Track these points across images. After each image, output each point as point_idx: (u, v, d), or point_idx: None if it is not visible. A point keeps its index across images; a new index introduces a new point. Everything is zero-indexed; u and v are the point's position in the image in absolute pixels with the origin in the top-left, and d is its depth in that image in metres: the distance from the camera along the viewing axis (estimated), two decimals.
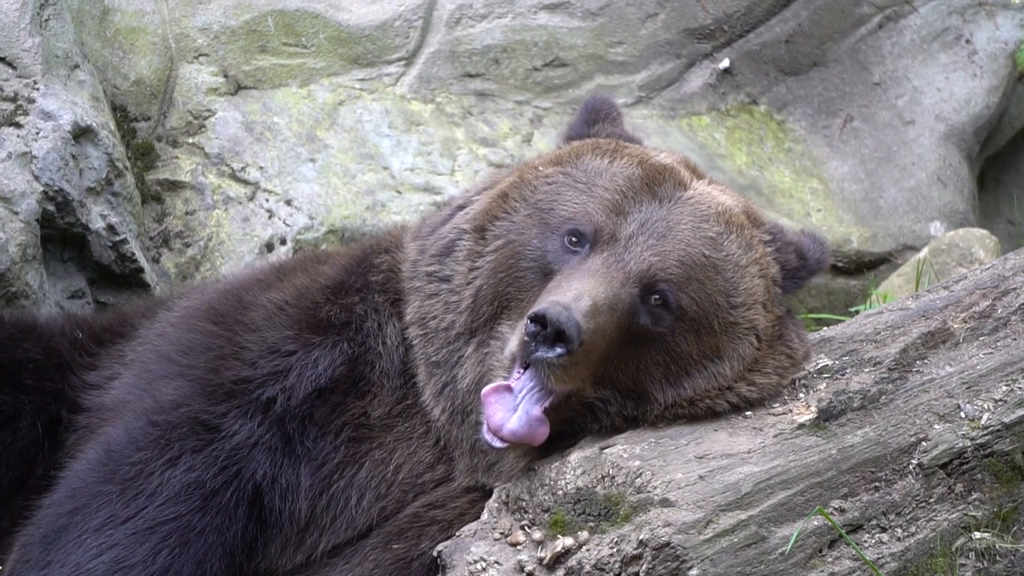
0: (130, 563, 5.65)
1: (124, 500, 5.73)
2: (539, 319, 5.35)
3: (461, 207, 6.07)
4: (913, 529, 5.56)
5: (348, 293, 6.11)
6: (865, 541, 5.49)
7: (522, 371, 5.48)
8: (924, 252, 9.18)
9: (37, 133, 7.69)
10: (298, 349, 5.96)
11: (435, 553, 5.67)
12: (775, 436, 5.54)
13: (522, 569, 5.44)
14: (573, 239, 5.66)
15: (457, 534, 5.64)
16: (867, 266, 9.94)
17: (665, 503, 5.28)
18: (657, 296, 5.58)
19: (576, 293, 5.42)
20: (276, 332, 6.00)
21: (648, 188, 5.78)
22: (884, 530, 5.53)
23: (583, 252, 5.64)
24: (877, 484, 5.55)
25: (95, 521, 5.72)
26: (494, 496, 5.64)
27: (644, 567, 5.22)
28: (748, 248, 5.80)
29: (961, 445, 5.63)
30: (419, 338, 5.93)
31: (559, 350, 5.36)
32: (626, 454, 5.43)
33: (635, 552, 5.24)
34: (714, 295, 5.67)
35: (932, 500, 5.60)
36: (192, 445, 5.80)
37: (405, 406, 5.96)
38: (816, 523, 5.40)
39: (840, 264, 9.89)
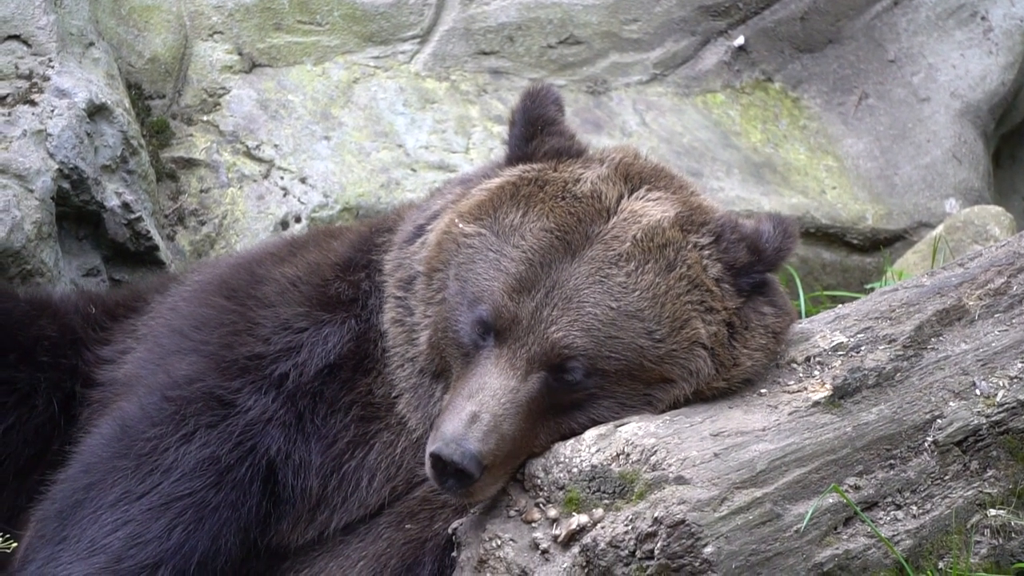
0: (145, 539, 5.67)
1: (139, 476, 5.76)
2: (436, 460, 5.43)
3: (422, 228, 6.08)
4: (928, 506, 5.56)
5: (355, 270, 6.14)
6: (880, 518, 5.49)
7: None
8: (939, 229, 9.15)
9: (52, 111, 7.70)
10: (309, 326, 5.99)
11: (450, 530, 5.68)
12: (790, 414, 5.54)
13: (537, 546, 5.44)
14: (480, 329, 5.64)
15: (472, 511, 5.65)
16: (882, 243, 9.92)
17: (680, 480, 5.28)
18: (570, 372, 5.57)
19: (472, 411, 5.47)
20: (289, 308, 6.03)
21: (559, 241, 5.70)
22: (899, 507, 5.53)
23: (489, 343, 5.61)
24: (892, 461, 5.55)
25: (110, 497, 5.74)
26: None
27: (659, 544, 5.22)
28: (670, 267, 5.67)
29: (976, 422, 5.63)
30: (392, 353, 5.98)
31: (465, 481, 5.44)
32: (641, 432, 5.43)
33: (650, 529, 5.24)
34: (634, 340, 5.59)
35: (947, 477, 5.60)
36: (207, 420, 5.83)
37: None
38: (831, 500, 5.41)
39: (855, 241, 9.87)
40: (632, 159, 6.01)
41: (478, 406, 5.48)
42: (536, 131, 6.06)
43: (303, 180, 8.72)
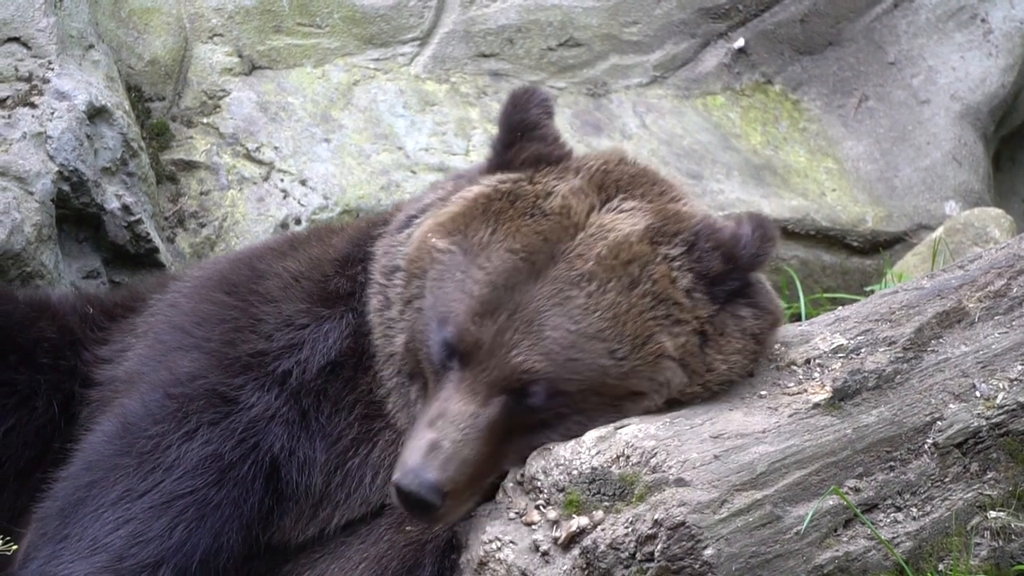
0: (147, 537, 5.67)
1: (141, 474, 5.76)
2: (398, 490, 5.48)
3: (411, 219, 6.08)
4: (928, 508, 5.56)
5: (353, 264, 6.15)
6: (880, 520, 5.49)
7: None
8: (939, 231, 9.16)
9: (52, 113, 7.70)
10: (311, 322, 6.00)
11: (450, 532, 5.68)
12: (790, 416, 5.54)
13: (537, 548, 5.44)
14: (446, 351, 5.64)
15: (472, 514, 5.65)
16: (882, 246, 9.92)
17: (680, 483, 5.28)
18: (531, 396, 5.57)
19: (432, 439, 5.49)
20: (291, 305, 6.03)
21: (523, 262, 5.65)
22: (899, 509, 5.53)
23: (454, 366, 5.61)
24: (892, 464, 5.55)
25: (112, 495, 5.74)
26: (508, 476, 5.64)
27: (659, 546, 5.23)
28: (633, 284, 5.61)
29: (976, 424, 5.63)
30: (376, 347, 6.00)
31: (428, 510, 5.48)
32: (641, 434, 5.43)
33: (650, 531, 5.24)
34: (595, 360, 5.56)
35: (947, 479, 5.60)
36: (209, 418, 5.82)
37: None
38: (831, 503, 5.41)
39: (855, 244, 9.87)
40: (613, 165, 5.96)
41: (438, 433, 5.50)
42: (516, 137, 6.01)
43: (303, 182, 8.73)
